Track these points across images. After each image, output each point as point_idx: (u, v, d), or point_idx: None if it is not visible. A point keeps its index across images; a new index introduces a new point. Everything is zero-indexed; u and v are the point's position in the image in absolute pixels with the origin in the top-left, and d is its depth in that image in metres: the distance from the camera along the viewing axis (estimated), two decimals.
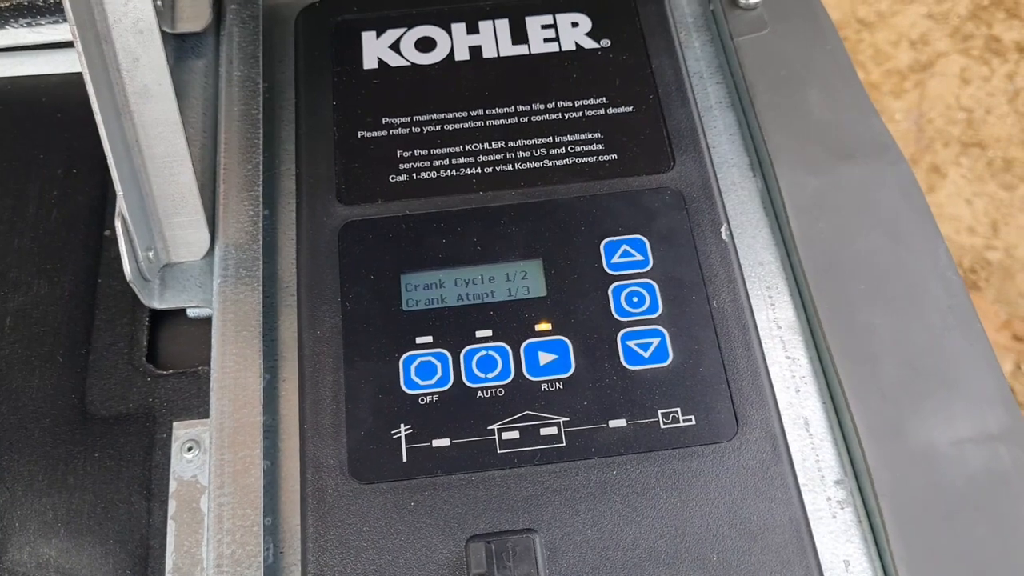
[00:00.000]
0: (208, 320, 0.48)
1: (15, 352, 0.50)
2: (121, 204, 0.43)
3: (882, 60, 2.03)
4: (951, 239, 1.84)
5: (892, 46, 2.05)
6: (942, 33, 2.07)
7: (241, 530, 0.42)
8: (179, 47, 0.55)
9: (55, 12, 0.58)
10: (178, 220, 0.47)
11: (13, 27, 0.59)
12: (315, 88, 0.54)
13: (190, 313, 0.49)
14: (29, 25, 0.59)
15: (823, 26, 0.56)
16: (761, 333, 0.47)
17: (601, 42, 0.55)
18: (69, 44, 0.60)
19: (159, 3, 0.52)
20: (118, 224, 0.43)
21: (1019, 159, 1.92)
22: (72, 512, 0.46)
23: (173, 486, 0.45)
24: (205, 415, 0.47)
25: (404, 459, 0.43)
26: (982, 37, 2.07)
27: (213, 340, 0.47)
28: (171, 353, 0.50)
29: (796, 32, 0.56)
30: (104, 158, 0.43)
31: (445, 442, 0.43)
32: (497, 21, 0.56)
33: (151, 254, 0.46)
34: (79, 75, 0.44)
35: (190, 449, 0.46)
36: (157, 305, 0.48)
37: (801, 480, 0.43)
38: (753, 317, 0.46)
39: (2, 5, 0.57)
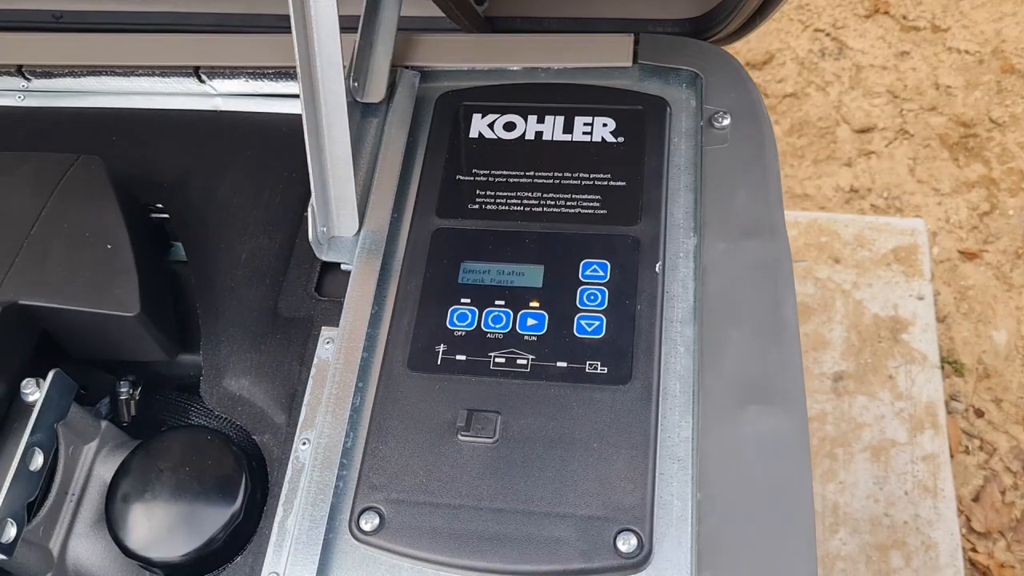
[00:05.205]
0: (349, 273, 0.83)
1: (244, 275, 0.87)
2: (313, 200, 0.79)
3: (1007, 159, 2.18)
4: None
5: (1020, 147, 2.19)
6: None
7: (345, 382, 0.76)
8: (364, 110, 0.91)
9: (283, 77, 0.96)
10: (342, 212, 0.83)
11: (256, 80, 0.98)
12: (438, 146, 0.89)
13: (343, 267, 0.85)
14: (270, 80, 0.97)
15: (766, 146, 0.85)
16: (666, 331, 0.77)
17: (618, 139, 0.87)
18: (286, 95, 0.97)
19: (355, 84, 0.88)
20: (309, 211, 0.79)
21: None
22: (260, 364, 0.82)
23: (315, 360, 0.81)
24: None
25: (439, 362, 0.76)
26: None
27: (350, 285, 0.82)
28: (328, 289, 0.86)
29: (745, 150, 0.85)
30: (307, 171, 0.78)
31: (463, 357, 0.76)
32: (556, 117, 0.89)
33: (324, 229, 0.82)
34: (292, 116, 0.82)
35: (328, 342, 0.82)
36: (324, 258, 0.84)
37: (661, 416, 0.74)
38: (661, 320, 0.77)
39: (253, 72, 0.95)
